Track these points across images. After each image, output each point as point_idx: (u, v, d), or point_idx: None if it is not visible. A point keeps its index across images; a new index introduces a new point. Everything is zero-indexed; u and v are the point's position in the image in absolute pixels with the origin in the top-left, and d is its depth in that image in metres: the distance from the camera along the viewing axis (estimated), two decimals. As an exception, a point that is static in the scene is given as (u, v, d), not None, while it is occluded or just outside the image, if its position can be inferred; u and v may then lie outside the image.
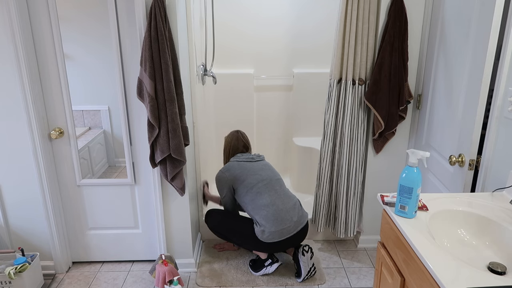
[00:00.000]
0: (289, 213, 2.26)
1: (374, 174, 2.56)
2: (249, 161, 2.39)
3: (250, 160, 2.39)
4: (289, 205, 2.29)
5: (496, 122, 1.61)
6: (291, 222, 2.24)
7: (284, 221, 2.23)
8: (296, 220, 2.28)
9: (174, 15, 2.04)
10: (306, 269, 2.31)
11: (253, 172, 2.32)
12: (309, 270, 2.32)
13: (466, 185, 1.77)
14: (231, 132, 2.54)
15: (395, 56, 2.22)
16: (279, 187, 2.34)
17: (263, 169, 2.37)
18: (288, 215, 2.25)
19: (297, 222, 2.28)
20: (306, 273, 2.32)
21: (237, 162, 2.38)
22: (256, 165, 2.37)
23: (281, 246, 2.28)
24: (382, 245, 1.58)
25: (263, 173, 2.34)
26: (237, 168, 2.34)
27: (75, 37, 2.12)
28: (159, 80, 1.97)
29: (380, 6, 2.25)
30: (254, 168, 2.35)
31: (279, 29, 3.18)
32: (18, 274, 2.10)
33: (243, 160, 2.39)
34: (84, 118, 2.28)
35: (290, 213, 2.26)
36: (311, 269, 2.34)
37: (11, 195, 2.31)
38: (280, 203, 2.26)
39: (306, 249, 2.31)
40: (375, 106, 2.31)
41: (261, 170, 2.35)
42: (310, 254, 2.32)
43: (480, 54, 1.66)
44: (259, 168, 2.36)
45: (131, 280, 2.42)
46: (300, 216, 2.32)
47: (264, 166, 2.39)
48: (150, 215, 2.44)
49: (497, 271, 1.18)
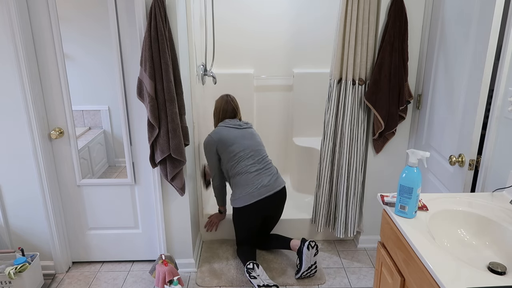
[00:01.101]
0: (260, 178, 2.35)
1: (374, 174, 2.57)
2: (237, 128, 2.45)
3: (237, 127, 2.45)
4: (262, 172, 2.38)
5: (496, 122, 1.61)
6: (262, 186, 2.33)
7: (256, 184, 2.33)
8: (268, 184, 2.34)
9: (174, 15, 2.04)
10: (307, 264, 2.30)
11: (237, 140, 2.40)
12: (310, 266, 2.31)
13: (466, 185, 1.77)
14: (221, 96, 2.60)
15: (395, 56, 2.22)
16: (259, 156, 2.42)
17: (246, 137, 2.43)
18: (259, 179, 2.34)
19: (269, 186, 2.34)
20: (307, 268, 2.30)
21: (225, 128, 2.44)
22: (242, 132, 2.44)
23: (255, 212, 2.35)
24: (382, 245, 1.58)
25: (246, 142, 2.41)
26: (224, 133, 2.42)
27: (75, 37, 2.12)
28: (159, 80, 1.97)
29: (380, 6, 2.25)
30: (239, 135, 2.42)
31: (279, 28, 3.18)
32: (18, 274, 2.10)
33: (231, 126, 2.45)
34: (84, 118, 2.28)
35: (262, 178, 2.35)
36: (312, 266, 2.33)
37: (11, 195, 2.31)
38: (254, 170, 2.37)
39: (312, 244, 2.31)
40: (375, 106, 2.31)
41: (245, 139, 2.42)
42: (315, 250, 2.32)
43: (480, 54, 1.66)
44: (243, 136, 2.43)
45: (131, 280, 2.42)
46: (274, 181, 2.38)
47: (249, 134, 2.46)
48: (150, 215, 2.44)
49: (497, 271, 1.18)
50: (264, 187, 2.34)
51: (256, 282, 2.23)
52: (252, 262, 2.26)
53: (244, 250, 2.48)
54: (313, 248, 2.31)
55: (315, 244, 2.33)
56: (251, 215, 2.39)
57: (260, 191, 2.33)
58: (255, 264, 2.25)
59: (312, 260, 2.32)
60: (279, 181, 2.42)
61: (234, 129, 2.44)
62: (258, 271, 2.24)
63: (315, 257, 2.33)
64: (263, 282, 2.22)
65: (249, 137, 2.45)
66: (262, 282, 2.21)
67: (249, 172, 2.36)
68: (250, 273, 2.24)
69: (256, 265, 2.26)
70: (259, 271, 2.24)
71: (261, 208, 2.36)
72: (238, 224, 2.49)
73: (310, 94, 3.28)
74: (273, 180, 2.39)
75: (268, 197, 2.35)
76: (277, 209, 2.49)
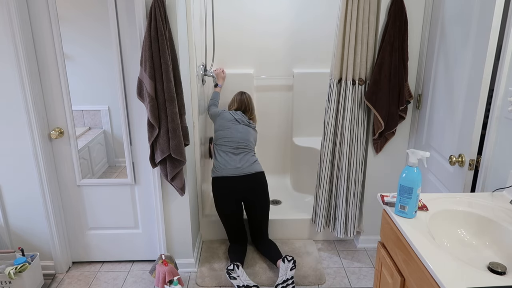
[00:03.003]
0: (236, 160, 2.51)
1: (374, 174, 2.57)
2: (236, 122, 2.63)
3: (237, 121, 2.63)
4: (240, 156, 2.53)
5: (496, 122, 1.61)
6: (235, 168, 2.48)
7: (230, 163, 2.49)
8: (240, 167, 2.48)
9: (174, 15, 2.04)
10: (282, 278, 2.24)
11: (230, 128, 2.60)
12: (285, 280, 2.23)
13: (466, 185, 1.77)
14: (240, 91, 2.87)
15: (395, 56, 2.22)
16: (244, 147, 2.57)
17: (239, 131, 2.60)
18: (235, 161, 2.50)
19: (241, 169, 2.48)
20: (281, 281, 2.23)
21: (229, 114, 2.67)
22: (238, 126, 2.62)
23: (227, 192, 2.46)
24: (382, 245, 1.58)
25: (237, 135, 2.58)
26: (226, 117, 2.65)
27: (75, 37, 2.12)
28: (159, 80, 1.97)
29: (380, 6, 2.25)
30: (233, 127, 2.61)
31: (279, 28, 3.18)
32: (18, 274, 2.10)
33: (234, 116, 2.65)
34: (84, 118, 2.28)
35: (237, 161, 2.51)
36: (288, 281, 2.23)
37: (11, 195, 2.31)
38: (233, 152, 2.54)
39: (289, 258, 2.28)
40: (375, 106, 2.31)
41: (237, 132, 2.59)
42: (291, 264, 2.25)
43: (480, 54, 1.66)
44: (237, 130, 2.60)
45: (131, 280, 2.42)
46: (248, 166, 2.49)
47: (242, 129, 2.62)
48: (150, 215, 2.44)
49: (497, 271, 1.18)
50: (236, 168, 2.47)
51: (236, 282, 2.24)
52: (233, 264, 2.28)
53: (231, 250, 2.55)
54: (289, 261, 2.26)
55: (292, 258, 2.28)
56: (224, 196, 2.48)
57: (230, 170, 2.46)
58: (235, 265, 2.27)
59: (289, 274, 2.24)
60: (255, 167, 2.52)
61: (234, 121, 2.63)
62: (238, 271, 2.25)
63: (291, 271, 2.25)
64: (242, 282, 2.23)
65: (242, 131, 2.60)
66: (242, 283, 2.22)
67: (228, 151, 2.53)
68: (230, 274, 2.26)
69: (237, 266, 2.27)
70: (239, 271, 2.25)
71: (233, 188, 2.46)
72: (217, 209, 2.56)
73: (310, 94, 3.28)
74: (247, 165, 2.49)
75: (238, 177, 2.45)
76: (254, 194, 2.50)
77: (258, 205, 2.53)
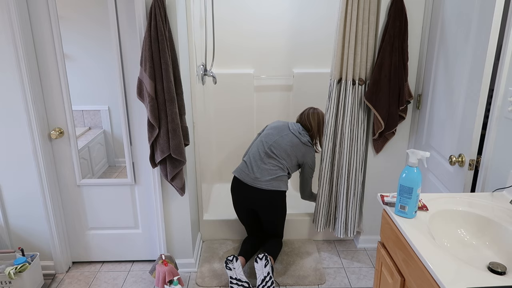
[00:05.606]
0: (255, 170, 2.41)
1: (374, 174, 2.57)
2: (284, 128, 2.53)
3: (288, 128, 2.53)
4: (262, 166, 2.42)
5: (496, 122, 1.61)
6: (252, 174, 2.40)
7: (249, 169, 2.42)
8: (257, 178, 2.39)
9: (174, 15, 2.04)
10: (260, 277, 2.24)
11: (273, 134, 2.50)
12: (263, 279, 2.23)
13: (466, 185, 1.77)
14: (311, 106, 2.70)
15: (395, 56, 2.22)
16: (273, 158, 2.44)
17: (280, 135, 2.49)
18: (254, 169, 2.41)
19: (258, 180, 2.38)
20: (260, 281, 2.23)
21: (283, 124, 2.57)
22: (283, 132, 2.52)
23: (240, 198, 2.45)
24: (382, 245, 1.58)
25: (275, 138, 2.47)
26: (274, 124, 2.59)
27: (75, 37, 2.12)
28: (159, 80, 1.97)
29: (380, 6, 2.25)
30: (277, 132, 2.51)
31: (279, 28, 3.18)
32: (18, 274, 2.10)
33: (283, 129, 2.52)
34: (84, 118, 2.28)
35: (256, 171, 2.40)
36: (266, 278, 2.23)
37: (11, 195, 2.31)
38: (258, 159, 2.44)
39: (260, 256, 2.27)
40: (375, 106, 2.31)
41: (278, 135, 2.49)
42: (264, 261, 2.25)
43: (480, 54, 1.66)
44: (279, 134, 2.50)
45: (131, 280, 2.42)
46: (265, 181, 2.38)
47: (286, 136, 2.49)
48: (150, 215, 2.44)
49: (497, 271, 1.18)
50: (254, 179, 2.39)
51: (230, 273, 2.25)
52: (233, 255, 2.29)
53: (244, 241, 2.60)
54: (261, 259, 2.26)
55: (264, 255, 2.27)
56: (235, 198, 2.49)
57: (247, 176, 2.41)
58: (235, 257, 2.28)
59: (265, 272, 2.24)
60: (272, 183, 2.38)
61: (280, 132, 2.51)
62: (235, 264, 2.26)
63: (266, 268, 2.24)
64: (236, 275, 2.24)
65: (284, 136, 2.49)
66: (235, 276, 2.24)
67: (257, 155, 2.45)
68: (227, 264, 2.27)
69: (236, 259, 2.28)
70: (236, 264, 2.26)
71: (244, 195, 2.43)
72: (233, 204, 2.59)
73: (310, 94, 3.28)
74: (265, 179, 2.37)
75: (251, 187, 2.39)
76: (261, 210, 2.43)
77: (264, 220, 2.51)
